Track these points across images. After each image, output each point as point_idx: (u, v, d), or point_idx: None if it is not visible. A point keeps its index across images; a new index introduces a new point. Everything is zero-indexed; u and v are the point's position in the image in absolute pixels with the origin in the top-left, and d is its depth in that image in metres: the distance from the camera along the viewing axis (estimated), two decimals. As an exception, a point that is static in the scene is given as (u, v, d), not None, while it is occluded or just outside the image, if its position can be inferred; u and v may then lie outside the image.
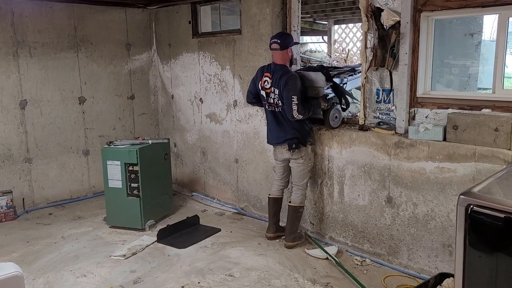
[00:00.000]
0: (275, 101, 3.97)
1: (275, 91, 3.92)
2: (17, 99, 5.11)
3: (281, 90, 3.85)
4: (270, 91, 3.98)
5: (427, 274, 3.43)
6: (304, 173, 4.08)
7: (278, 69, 3.93)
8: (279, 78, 3.88)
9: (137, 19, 6.02)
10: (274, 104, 4.00)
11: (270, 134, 4.17)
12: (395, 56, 3.56)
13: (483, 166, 3.06)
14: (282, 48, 3.92)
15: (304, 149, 4.01)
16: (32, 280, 3.59)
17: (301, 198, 4.11)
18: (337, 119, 4.12)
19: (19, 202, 5.16)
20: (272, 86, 3.94)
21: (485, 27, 4.16)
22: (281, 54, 3.94)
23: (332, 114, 4.06)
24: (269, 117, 4.11)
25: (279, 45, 3.91)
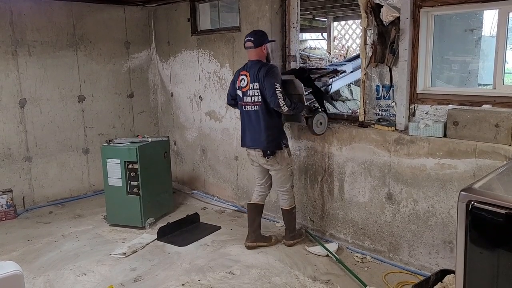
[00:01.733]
0: (253, 98, 3.78)
1: (254, 86, 3.75)
2: (16, 98, 5.10)
3: (262, 81, 3.67)
4: (248, 88, 3.80)
5: (428, 270, 3.42)
6: (284, 179, 3.94)
7: (255, 64, 3.78)
8: (257, 71, 3.71)
9: (136, 17, 6.00)
10: (251, 102, 3.80)
11: (245, 136, 3.96)
12: (394, 52, 3.55)
13: (483, 162, 3.05)
14: (256, 46, 3.78)
15: (279, 154, 3.82)
16: (33, 278, 3.59)
17: (289, 201, 4.02)
18: (322, 125, 3.93)
19: (19, 201, 5.16)
20: (250, 83, 3.77)
21: (485, 23, 4.15)
22: (256, 52, 3.80)
23: (316, 120, 3.89)
24: (245, 118, 3.91)
25: (252, 43, 3.78)
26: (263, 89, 3.69)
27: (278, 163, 3.85)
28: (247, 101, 3.85)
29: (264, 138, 3.77)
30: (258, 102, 3.77)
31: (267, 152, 3.78)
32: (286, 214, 4.07)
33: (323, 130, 3.96)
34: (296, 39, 4.56)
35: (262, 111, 3.76)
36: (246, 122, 3.91)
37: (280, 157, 3.84)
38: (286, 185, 3.97)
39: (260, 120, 3.79)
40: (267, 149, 3.78)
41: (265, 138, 3.77)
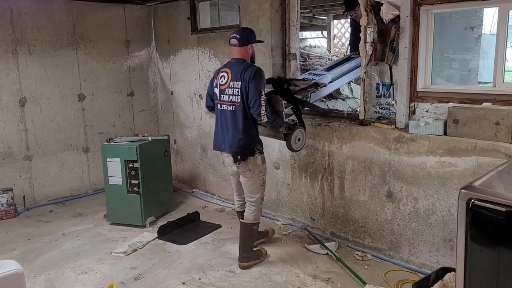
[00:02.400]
0: (231, 98, 3.51)
1: (235, 85, 3.47)
2: (16, 96, 5.10)
3: (247, 82, 3.41)
4: (227, 86, 3.53)
5: (428, 268, 3.42)
6: (254, 188, 3.64)
7: (240, 63, 3.54)
8: (242, 71, 3.47)
9: (135, 15, 6.00)
10: (228, 101, 3.53)
11: (217, 137, 3.69)
12: (394, 51, 3.54)
13: (484, 160, 3.04)
14: (241, 45, 3.54)
15: (251, 161, 3.53)
16: (33, 277, 3.60)
17: (255, 214, 3.70)
18: (300, 141, 3.73)
19: (20, 200, 5.17)
20: (231, 81, 3.50)
21: (485, 21, 4.14)
22: (240, 51, 3.56)
23: (294, 137, 3.67)
24: (219, 118, 3.63)
25: (238, 41, 3.54)
26: (245, 90, 3.44)
27: (250, 170, 3.56)
28: (224, 99, 3.57)
29: (237, 142, 3.50)
30: (236, 102, 3.49)
31: (238, 157, 3.50)
32: (243, 229, 3.72)
33: (301, 146, 3.78)
34: (296, 38, 4.57)
35: (239, 112, 3.49)
36: (220, 123, 3.63)
37: (252, 164, 3.55)
38: (255, 195, 3.67)
39: (235, 122, 3.51)
40: (238, 154, 3.50)
41: (238, 142, 3.50)
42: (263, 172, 3.67)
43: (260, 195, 3.70)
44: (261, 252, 3.82)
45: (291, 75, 4.59)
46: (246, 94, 3.43)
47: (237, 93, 3.48)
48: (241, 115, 3.48)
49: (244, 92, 3.44)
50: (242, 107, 3.48)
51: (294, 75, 4.63)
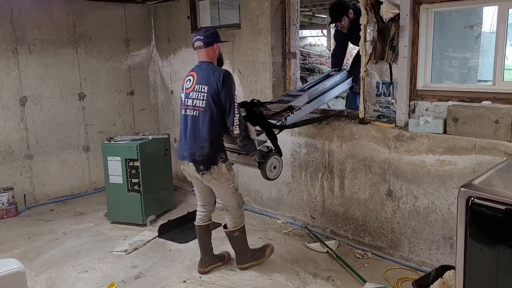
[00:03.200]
0: (195, 102, 3.30)
1: (201, 89, 3.27)
2: (17, 96, 5.11)
3: (218, 87, 3.21)
4: (192, 89, 3.33)
5: (428, 266, 3.43)
6: (226, 197, 3.45)
7: (206, 65, 3.34)
8: (209, 73, 3.28)
9: (136, 14, 6.00)
10: (192, 106, 3.31)
11: (181, 145, 3.46)
12: (394, 49, 3.55)
13: (483, 159, 3.05)
14: (206, 45, 3.34)
15: (215, 170, 3.29)
16: (35, 276, 3.61)
17: (234, 221, 3.53)
18: (276, 169, 3.47)
19: (21, 199, 5.18)
20: (196, 84, 3.31)
21: (485, 19, 4.15)
22: (206, 52, 3.36)
23: (269, 165, 3.41)
24: (182, 124, 3.42)
25: (202, 42, 3.34)
26: (213, 95, 3.23)
27: (216, 179, 3.33)
28: (187, 104, 3.36)
29: (199, 149, 3.27)
30: (200, 107, 3.28)
31: (200, 167, 3.27)
32: (229, 237, 3.60)
33: (278, 173, 3.50)
34: (296, 36, 4.57)
35: (203, 118, 3.27)
36: (183, 129, 3.41)
37: (217, 173, 3.31)
38: (229, 203, 3.48)
39: (197, 128, 3.29)
40: (200, 164, 3.27)
41: (200, 150, 3.27)
42: (231, 179, 3.40)
43: (235, 203, 3.49)
44: (263, 252, 3.69)
45: (291, 73, 4.60)
46: (213, 99, 3.23)
47: (202, 98, 3.27)
48: (205, 121, 3.26)
49: (211, 97, 3.24)
50: (208, 113, 3.25)
51: (295, 74, 4.64)
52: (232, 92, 3.26)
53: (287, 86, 4.63)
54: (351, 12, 4.38)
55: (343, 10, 4.40)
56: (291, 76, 4.61)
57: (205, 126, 3.26)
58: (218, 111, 3.26)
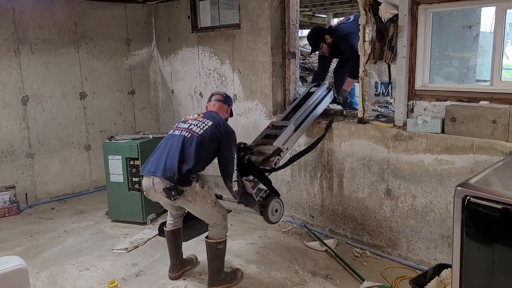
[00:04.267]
0: (192, 128, 3.18)
1: (205, 121, 3.22)
2: (19, 95, 5.14)
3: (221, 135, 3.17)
4: (193, 119, 3.28)
5: (426, 265, 3.46)
6: (207, 212, 3.25)
7: (216, 114, 3.36)
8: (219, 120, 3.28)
9: (136, 14, 6.03)
10: (186, 129, 3.19)
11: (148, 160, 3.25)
12: (393, 49, 3.57)
13: (481, 158, 3.08)
14: (224, 103, 3.49)
15: (189, 192, 3.07)
16: (36, 273, 3.64)
17: (219, 233, 3.32)
18: (278, 212, 3.44)
19: (22, 197, 5.21)
20: (203, 118, 3.27)
21: (483, 19, 4.17)
22: (220, 107, 3.45)
23: (271, 208, 3.38)
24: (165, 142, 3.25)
25: (223, 97, 3.51)
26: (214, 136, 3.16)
27: (191, 201, 3.13)
28: (180, 127, 3.26)
29: (176, 168, 3.03)
30: (195, 132, 3.16)
31: (172, 193, 3.03)
32: (209, 249, 3.34)
33: (280, 216, 3.48)
34: (295, 36, 4.59)
35: (194, 142, 3.11)
36: (162, 146, 3.24)
37: (191, 194, 3.09)
38: (212, 219, 3.29)
39: (184, 148, 3.10)
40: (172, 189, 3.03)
41: (177, 169, 3.03)
42: (207, 195, 3.18)
43: (219, 216, 3.30)
44: (235, 275, 3.47)
45: (291, 73, 4.62)
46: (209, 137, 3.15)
47: (201, 127, 3.18)
48: (195, 146, 3.10)
49: (210, 133, 3.15)
50: (200, 140, 3.12)
51: (294, 74, 4.66)
52: (233, 149, 3.20)
53: (287, 86, 4.66)
54: (328, 37, 4.46)
55: (320, 37, 4.48)
56: (291, 76, 4.64)
57: (193, 149, 3.09)
58: (209, 150, 3.16)
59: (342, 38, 4.36)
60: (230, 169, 3.13)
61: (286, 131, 3.82)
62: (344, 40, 4.33)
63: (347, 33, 4.30)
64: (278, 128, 3.97)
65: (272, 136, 3.85)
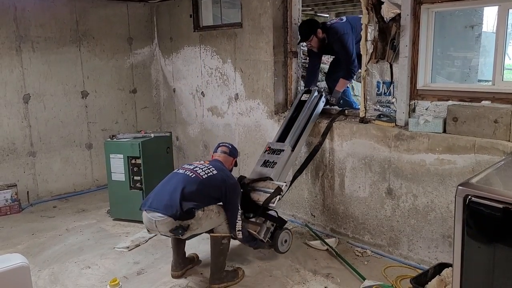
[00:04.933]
0: (196, 169, 3.30)
1: (209, 169, 3.33)
2: (20, 93, 5.15)
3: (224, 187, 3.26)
4: (202, 164, 3.41)
5: (427, 264, 3.46)
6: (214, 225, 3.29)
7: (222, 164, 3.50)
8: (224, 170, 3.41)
9: (138, 13, 6.04)
10: (191, 170, 3.30)
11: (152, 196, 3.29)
12: (395, 49, 3.57)
13: (482, 158, 3.08)
14: (229, 154, 3.65)
15: (194, 224, 3.15)
16: (38, 271, 3.65)
17: (224, 227, 3.35)
18: (287, 242, 3.75)
19: (24, 195, 5.22)
20: (210, 165, 3.39)
21: (486, 19, 4.17)
22: (225, 159, 3.60)
23: (281, 238, 3.67)
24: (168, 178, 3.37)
25: (229, 149, 3.66)
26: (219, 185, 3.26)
27: (198, 228, 3.21)
28: (186, 167, 3.38)
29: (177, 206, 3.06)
30: (199, 174, 3.26)
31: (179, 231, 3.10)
32: (215, 243, 3.34)
33: (289, 244, 3.78)
34: (297, 36, 4.59)
35: (197, 183, 3.20)
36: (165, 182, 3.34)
37: (196, 224, 3.16)
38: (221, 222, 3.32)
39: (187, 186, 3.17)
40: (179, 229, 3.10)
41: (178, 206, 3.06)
42: (209, 212, 3.23)
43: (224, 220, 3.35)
44: (236, 273, 3.48)
45: (292, 72, 4.63)
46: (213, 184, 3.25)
47: (207, 172, 3.29)
48: (198, 186, 3.18)
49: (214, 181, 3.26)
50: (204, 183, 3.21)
51: (296, 73, 4.66)
52: (238, 200, 3.34)
53: (288, 85, 4.66)
54: (320, 31, 4.38)
55: (312, 29, 4.39)
56: (292, 75, 4.64)
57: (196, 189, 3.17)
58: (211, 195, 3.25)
59: (337, 38, 4.31)
60: (234, 220, 3.29)
61: (282, 158, 3.91)
62: (339, 41, 4.30)
63: (342, 34, 4.28)
64: (276, 152, 4.00)
65: (271, 164, 3.92)
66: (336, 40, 4.32)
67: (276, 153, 3.99)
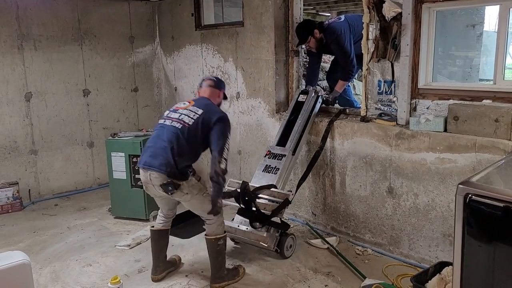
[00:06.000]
0: (181, 117, 3.18)
1: (195, 110, 3.20)
2: (22, 91, 5.16)
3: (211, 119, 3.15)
4: (183, 108, 3.25)
5: (427, 263, 3.46)
6: (203, 207, 3.19)
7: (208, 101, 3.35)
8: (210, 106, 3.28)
9: (140, 11, 6.04)
10: (177, 119, 3.18)
11: (145, 153, 3.19)
12: (396, 48, 3.58)
13: (483, 157, 3.08)
14: (216, 86, 3.45)
15: (185, 186, 3.08)
16: (39, 269, 3.66)
17: (216, 228, 3.29)
18: (292, 247, 3.79)
19: (25, 193, 5.24)
20: (192, 106, 3.24)
21: (487, 18, 4.17)
22: (212, 92, 3.41)
23: (286, 244, 3.71)
24: (156, 134, 3.22)
25: (214, 82, 3.47)
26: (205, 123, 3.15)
27: (188, 193, 3.13)
28: (171, 116, 3.24)
29: (172, 162, 3.02)
30: (186, 122, 3.15)
31: (169, 188, 3.04)
32: (211, 245, 3.32)
33: (293, 251, 3.81)
34: (299, 34, 4.59)
35: (185, 133, 3.11)
36: (155, 138, 3.19)
37: (188, 188, 3.11)
38: (206, 212, 3.20)
39: (175, 140, 3.09)
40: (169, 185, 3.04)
41: (173, 164, 3.02)
42: (204, 189, 3.19)
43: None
44: (237, 271, 3.47)
45: (294, 71, 4.63)
46: (202, 125, 3.15)
47: (192, 116, 3.17)
48: (187, 136, 3.11)
49: (201, 122, 3.15)
50: (192, 131, 3.13)
51: (297, 72, 4.66)
52: (228, 130, 3.19)
53: (290, 84, 4.67)
54: (317, 32, 4.35)
55: (308, 30, 4.36)
56: (294, 74, 4.64)
57: (188, 142, 3.11)
58: (201, 137, 3.16)
59: (334, 39, 4.29)
60: (222, 146, 3.10)
61: (284, 164, 3.92)
62: (336, 41, 4.28)
63: (339, 34, 4.25)
64: (277, 157, 3.98)
65: (273, 170, 3.92)
66: (333, 41, 4.30)
67: (277, 158, 3.98)
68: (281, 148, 4.03)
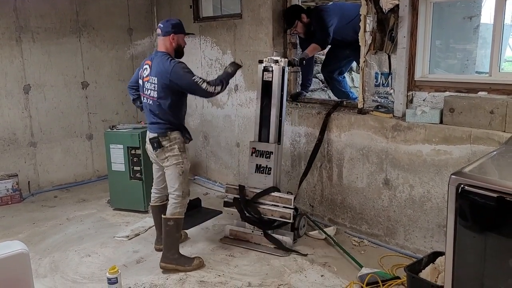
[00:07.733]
0: (149, 92, 3.43)
1: (152, 80, 3.39)
2: (20, 84, 5.17)
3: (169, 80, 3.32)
4: (148, 80, 3.44)
5: (423, 254, 3.48)
6: (173, 177, 3.45)
7: (159, 55, 3.41)
8: (161, 66, 3.35)
9: (138, 3, 6.03)
10: (148, 95, 3.45)
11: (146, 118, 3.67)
12: (393, 40, 3.58)
13: (478, 148, 3.10)
14: (163, 34, 3.45)
15: (167, 148, 3.44)
16: (38, 259, 3.70)
17: (173, 208, 3.47)
18: (304, 227, 4.04)
19: (25, 185, 5.26)
20: (150, 75, 3.42)
21: (485, 10, 4.17)
22: (163, 41, 3.46)
23: (301, 223, 3.96)
24: (145, 107, 3.59)
25: (160, 30, 3.46)
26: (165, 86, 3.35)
27: (167, 159, 3.44)
28: (145, 93, 3.50)
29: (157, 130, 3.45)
30: (153, 97, 3.42)
31: (154, 144, 3.41)
32: (163, 223, 3.47)
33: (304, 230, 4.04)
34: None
35: (156, 107, 3.43)
36: (146, 111, 3.58)
37: (169, 151, 3.44)
38: (174, 186, 3.45)
39: (153, 114, 3.46)
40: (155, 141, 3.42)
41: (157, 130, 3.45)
42: (181, 161, 3.46)
43: (180, 190, 3.46)
44: (191, 261, 3.49)
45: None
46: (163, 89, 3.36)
47: (153, 88, 3.40)
48: (158, 110, 3.43)
49: (161, 88, 3.36)
50: (160, 103, 3.40)
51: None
52: (186, 77, 3.32)
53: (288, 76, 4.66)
54: (304, 16, 4.36)
55: (295, 14, 4.37)
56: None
57: (158, 114, 3.44)
58: (171, 98, 3.41)
59: (315, 14, 4.38)
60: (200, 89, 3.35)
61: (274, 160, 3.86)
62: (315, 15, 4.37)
63: (321, 10, 4.39)
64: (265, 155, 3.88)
65: (265, 169, 3.89)
66: (314, 16, 4.36)
67: (265, 156, 3.88)
68: (265, 144, 3.89)
